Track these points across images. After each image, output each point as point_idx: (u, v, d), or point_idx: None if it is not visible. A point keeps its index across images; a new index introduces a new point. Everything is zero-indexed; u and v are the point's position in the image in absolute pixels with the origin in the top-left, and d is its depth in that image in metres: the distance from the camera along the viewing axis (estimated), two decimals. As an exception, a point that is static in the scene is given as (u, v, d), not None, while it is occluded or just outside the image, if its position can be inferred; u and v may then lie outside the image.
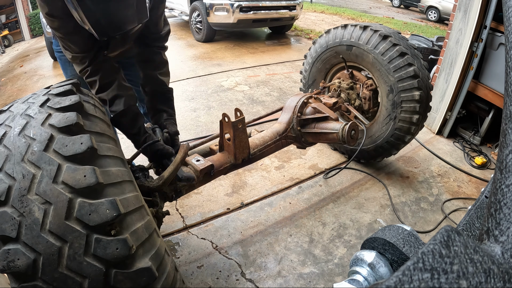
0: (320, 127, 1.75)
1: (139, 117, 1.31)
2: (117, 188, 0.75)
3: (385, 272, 0.62)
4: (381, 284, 0.28)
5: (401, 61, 1.96)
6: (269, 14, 5.93)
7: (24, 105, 0.81)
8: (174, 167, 1.20)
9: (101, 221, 0.66)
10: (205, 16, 5.68)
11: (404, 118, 2.04)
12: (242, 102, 3.60)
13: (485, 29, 2.53)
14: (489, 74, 2.65)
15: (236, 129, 1.43)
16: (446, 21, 10.17)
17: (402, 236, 0.64)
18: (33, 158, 0.69)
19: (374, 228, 1.97)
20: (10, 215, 0.65)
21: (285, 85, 4.17)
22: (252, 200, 2.15)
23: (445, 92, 2.92)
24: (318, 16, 10.04)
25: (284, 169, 2.49)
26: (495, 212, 0.38)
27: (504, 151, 0.41)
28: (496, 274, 0.28)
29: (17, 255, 0.63)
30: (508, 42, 0.50)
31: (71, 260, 0.64)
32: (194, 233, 1.87)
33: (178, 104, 3.45)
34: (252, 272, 1.65)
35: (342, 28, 2.22)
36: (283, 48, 6.05)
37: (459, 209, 2.16)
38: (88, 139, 0.73)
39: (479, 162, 2.62)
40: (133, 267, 0.69)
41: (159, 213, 1.21)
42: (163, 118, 1.42)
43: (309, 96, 1.85)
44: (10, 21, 7.27)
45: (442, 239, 0.30)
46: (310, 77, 2.55)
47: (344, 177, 2.42)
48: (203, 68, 4.68)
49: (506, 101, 0.45)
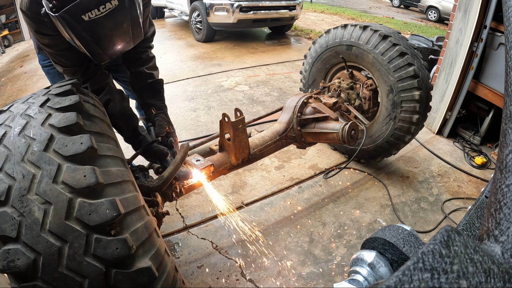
0: (320, 127, 1.75)
1: (133, 118, 1.32)
2: (117, 188, 0.75)
3: (385, 272, 0.62)
4: (381, 284, 0.28)
5: (401, 61, 1.96)
6: (269, 14, 5.93)
7: (24, 105, 0.81)
8: (174, 167, 1.20)
9: (101, 221, 0.66)
10: (205, 16, 5.68)
11: (404, 118, 2.04)
12: (242, 102, 3.60)
13: (485, 29, 2.53)
14: (489, 74, 2.65)
15: (236, 129, 1.43)
16: (446, 21, 10.17)
17: (402, 236, 0.64)
18: (33, 158, 0.69)
19: (374, 228, 1.97)
20: (10, 215, 0.65)
21: (285, 85, 4.17)
22: (252, 200, 2.15)
23: (445, 92, 2.92)
24: (318, 16, 10.04)
25: (284, 169, 2.49)
26: (495, 212, 0.38)
27: (504, 151, 0.41)
28: (496, 274, 0.28)
29: (17, 255, 0.63)
30: (508, 42, 0.50)
31: (71, 260, 0.64)
32: (194, 233, 1.87)
33: (178, 104, 3.47)
34: (252, 272, 1.65)
35: (342, 28, 2.22)
36: (283, 48, 6.05)
37: (459, 209, 2.16)
38: (88, 139, 0.73)
39: (479, 162, 2.62)
40: (133, 267, 0.69)
41: (159, 213, 1.21)
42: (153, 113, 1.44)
43: (309, 96, 1.85)
44: (10, 21, 7.26)
45: (442, 239, 0.30)
46: (310, 77, 2.55)
47: (344, 177, 2.42)
48: (203, 68, 4.68)
49: (506, 101, 0.45)
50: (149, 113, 1.45)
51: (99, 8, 0.85)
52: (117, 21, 0.91)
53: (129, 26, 0.96)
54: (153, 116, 1.44)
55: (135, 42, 1.03)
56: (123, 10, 0.90)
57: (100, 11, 0.86)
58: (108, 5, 0.86)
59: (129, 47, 1.03)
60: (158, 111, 1.45)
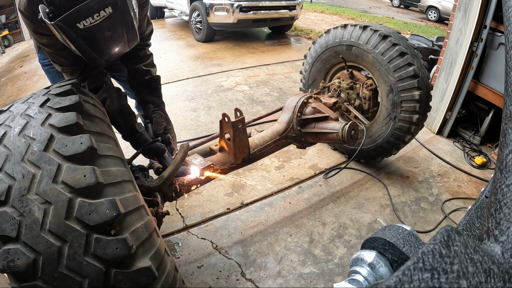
0: (320, 127, 1.75)
1: (131, 116, 1.33)
2: (117, 188, 0.75)
3: (385, 272, 0.62)
4: (381, 284, 0.28)
5: (401, 61, 1.96)
6: (269, 14, 5.93)
7: (24, 105, 0.81)
8: (174, 166, 1.20)
9: (101, 220, 0.66)
10: (205, 16, 5.68)
11: (404, 118, 2.04)
12: (242, 102, 3.60)
13: (485, 29, 2.53)
14: (489, 74, 2.65)
15: (236, 129, 1.43)
16: (446, 21, 10.17)
17: (402, 236, 0.64)
18: (33, 158, 0.69)
19: (374, 228, 1.97)
20: (10, 215, 0.65)
21: (285, 85, 4.17)
22: (252, 200, 2.15)
23: (445, 92, 2.92)
24: (318, 16, 10.04)
25: (284, 169, 2.49)
26: (495, 212, 0.38)
27: (504, 151, 0.41)
28: (496, 274, 0.28)
29: (17, 255, 0.63)
30: (508, 42, 0.50)
31: (71, 260, 0.64)
32: (194, 233, 1.87)
33: (178, 104, 3.47)
34: (252, 272, 1.65)
35: (342, 28, 2.22)
36: (283, 48, 6.05)
37: (459, 209, 2.16)
38: (88, 139, 0.73)
39: (479, 162, 2.62)
40: (133, 267, 0.69)
41: (159, 213, 1.21)
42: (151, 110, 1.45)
43: (309, 96, 1.85)
44: (10, 21, 7.27)
45: (442, 239, 0.30)
46: (310, 77, 2.55)
47: (344, 177, 2.42)
48: (203, 68, 4.68)
49: (506, 101, 0.45)
50: (147, 110, 1.47)
51: (93, 16, 0.86)
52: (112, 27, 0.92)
53: (123, 31, 0.97)
54: (150, 113, 1.45)
55: (131, 46, 1.04)
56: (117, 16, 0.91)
57: (94, 19, 0.87)
58: (102, 13, 0.87)
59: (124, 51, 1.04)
60: (155, 107, 1.46)
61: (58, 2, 0.85)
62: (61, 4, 0.85)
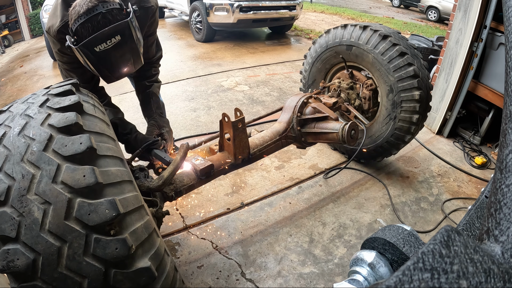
0: (320, 127, 1.75)
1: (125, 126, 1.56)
2: (116, 188, 0.75)
3: (385, 272, 0.62)
4: (381, 284, 0.28)
5: (401, 61, 1.95)
6: (269, 14, 5.93)
7: (24, 105, 0.81)
8: (174, 167, 1.20)
9: (100, 221, 0.66)
10: (205, 16, 5.68)
11: (404, 118, 2.04)
12: (242, 102, 3.60)
13: (485, 29, 2.53)
14: (489, 74, 2.65)
15: (236, 129, 1.43)
16: (446, 21, 10.17)
17: (402, 236, 0.64)
18: (33, 158, 0.69)
19: (374, 228, 1.97)
20: (9, 215, 0.64)
21: (285, 85, 4.17)
22: (252, 200, 2.15)
23: (445, 92, 2.92)
24: (318, 16, 10.04)
25: (284, 169, 2.49)
26: (495, 212, 0.37)
27: (504, 151, 0.41)
28: (496, 274, 0.28)
29: (17, 255, 0.62)
30: (508, 42, 0.50)
31: (70, 260, 0.64)
32: (194, 233, 1.87)
33: (178, 104, 3.48)
34: (252, 272, 1.65)
35: (342, 28, 2.22)
36: (283, 48, 6.05)
37: (459, 209, 2.16)
38: (87, 139, 0.73)
39: (479, 162, 2.62)
40: (133, 267, 0.69)
41: (159, 213, 1.21)
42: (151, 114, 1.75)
43: (309, 96, 1.85)
44: (10, 21, 7.27)
45: (442, 239, 0.29)
46: (310, 77, 2.54)
47: (344, 177, 2.42)
48: (203, 68, 4.68)
49: (506, 101, 0.45)
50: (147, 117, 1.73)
51: (106, 42, 1.12)
52: (121, 51, 1.18)
53: (130, 56, 1.22)
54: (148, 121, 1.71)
55: (136, 67, 1.29)
56: (125, 43, 1.17)
57: (107, 44, 1.13)
58: (113, 40, 1.13)
59: (131, 71, 1.29)
60: (149, 118, 1.72)
61: (81, 32, 1.12)
62: (83, 33, 1.12)
